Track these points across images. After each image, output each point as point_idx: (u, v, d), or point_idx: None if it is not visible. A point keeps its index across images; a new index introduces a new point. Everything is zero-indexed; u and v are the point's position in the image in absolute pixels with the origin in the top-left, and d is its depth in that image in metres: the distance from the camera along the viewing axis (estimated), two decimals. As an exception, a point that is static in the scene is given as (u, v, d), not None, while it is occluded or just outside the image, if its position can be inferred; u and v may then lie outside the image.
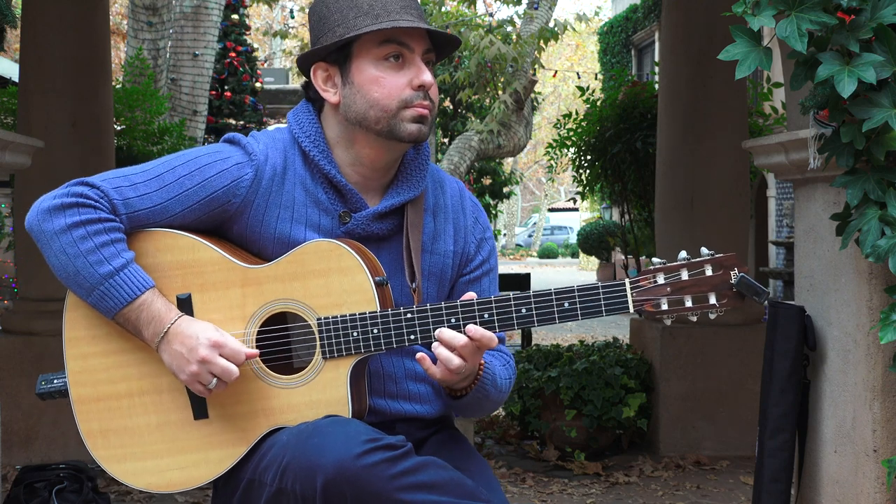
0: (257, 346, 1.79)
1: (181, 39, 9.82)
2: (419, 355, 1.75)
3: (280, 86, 14.97)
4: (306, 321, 1.78)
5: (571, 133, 6.77)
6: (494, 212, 14.52)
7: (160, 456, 1.80)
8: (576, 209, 27.18)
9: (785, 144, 2.67)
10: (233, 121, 12.64)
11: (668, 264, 1.74)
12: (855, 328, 2.46)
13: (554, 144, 6.99)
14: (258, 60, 14.50)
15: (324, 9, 1.84)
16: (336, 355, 1.76)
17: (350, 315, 1.76)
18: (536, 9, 7.82)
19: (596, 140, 6.54)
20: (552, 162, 7.27)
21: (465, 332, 1.73)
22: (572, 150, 6.88)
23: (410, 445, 1.64)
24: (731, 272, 1.72)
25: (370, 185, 1.90)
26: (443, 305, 1.75)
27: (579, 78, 14.02)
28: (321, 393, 1.76)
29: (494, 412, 5.45)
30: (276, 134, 1.91)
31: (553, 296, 1.74)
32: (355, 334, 1.75)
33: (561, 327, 12.02)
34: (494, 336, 1.74)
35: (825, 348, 2.59)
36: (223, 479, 1.80)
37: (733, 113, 4.96)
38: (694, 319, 1.75)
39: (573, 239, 34.39)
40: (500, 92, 7.55)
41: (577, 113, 6.80)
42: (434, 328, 1.75)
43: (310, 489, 1.59)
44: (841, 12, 2.11)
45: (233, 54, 12.84)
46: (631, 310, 1.73)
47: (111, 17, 7.53)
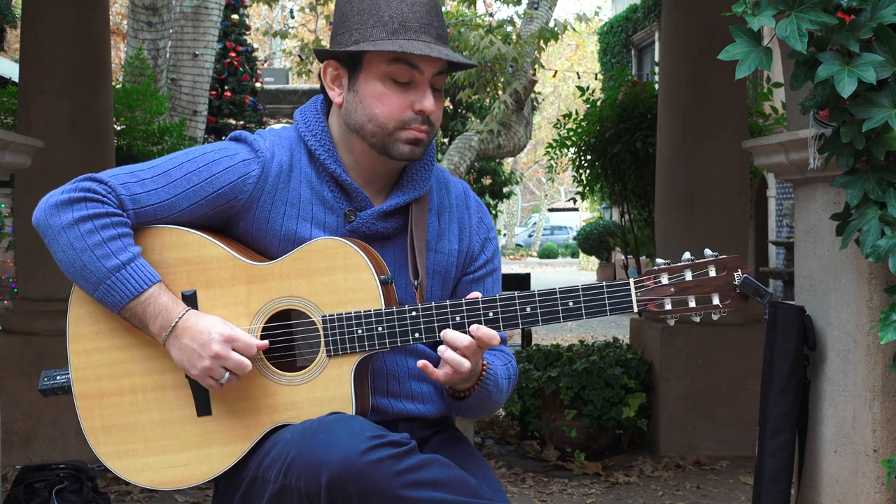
0: None
1: (181, 39, 9.81)
2: (421, 363, 1.75)
3: (280, 86, 14.98)
4: (311, 318, 1.78)
5: (571, 133, 6.77)
6: (494, 212, 14.51)
7: (163, 452, 1.80)
8: (576, 209, 27.18)
9: (785, 144, 2.67)
10: (233, 121, 12.64)
11: (672, 265, 1.75)
12: (855, 328, 2.47)
13: (554, 144, 6.99)
14: (258, 60, 14.50)
15: (348, 7, 1.84)
16: (340, 353, 1.76)
17: (355, 313, 1.76)
18: (536, 9, 7.82)
19: (596, 140, 6.54)
20: (552, 162, 7.26)
21: (469, 332, 1.73)
22: (572, 150, 6.87)
23: (414, 443, 1.64)
24: (735, 273, 1.72)
25: (375, 185, 1.91)
26: (448, 304, 1.76)
27: (579, 78, 14.04)
28: (325, 390, 1.76)
29: (495, 412, 5.48)
30: (283, 132, 1.91)
31: (558, 295, 1.74)
32: (360, 332, 1.76)
33: (561, 327, 12.02)
34: (496, 334, 1.75)
35: (825, 348, 2.59)
36: (225, 477, 1.81)
37: (733, 113, 4.96)
38: (697, 320, 1.76)
39: (573, 239, 34.44)
40: (500, 92, 7.56)
41: (577, 113, 6.79)
42: (439, 327, 1.75)
43: (314, 486, 1.59)
44: (841, 12, 2.11)
45: (233, 54, 12.84)
46: (635, 309, 1.74)
47: (111, 17, 7.53)
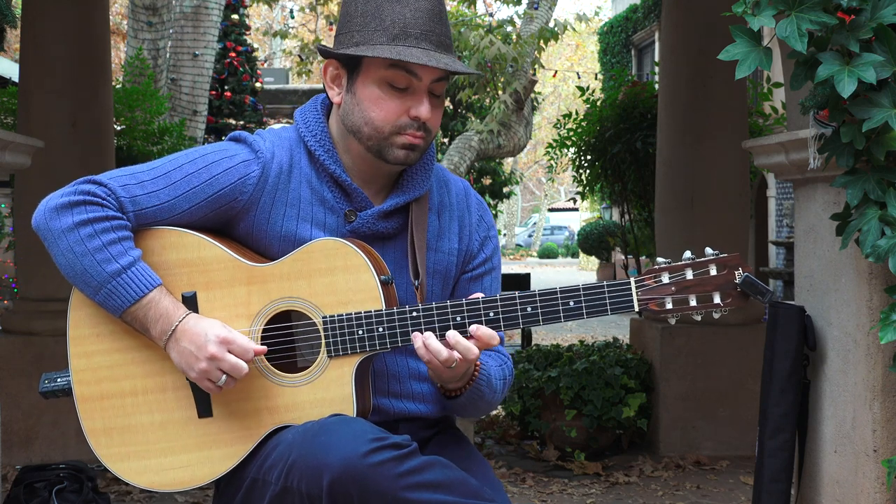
0: (262, 344, 1.79)
1: (181, 39, 9.81)
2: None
3: (280, 86, 14.97)
4: (311, 319, 1.78)
5: (571, 133, 6.76)
6: (494, 212, 14.52)
7: (164, 454, 1.80)
8: (576, 209, 27.18)
9: (785, 144, 2.67)
10: (233, 121, 12.64)
11: (673, 264, 1.74)
12: (855, 328, 2.46)
13: (554, 144, 6.98)
14: (258, 60, 14.50)
15: (352, 7, 1.83)
16: (341, 353, 1.76)
17: (356, 313, 1.76)
18: (536, 9, 7.83)
19: (596, 140, 6.54)
20: (552, 162, 7.26)
21: (469, 332, 1.73)
22: (572, 150, 6.87)
23: (416, 445, 1.64)
24: (736, 272, 1.72)
25: (375, 185, 1.91)
26: (448, 304, 1.75)
27: (579, 78, 14.05)
28: (326, 391, 1.76)
29: (494, 412, 5.49)
30: (283, 132, 1.91)
31: (558, 295, 1.74)
32: (360, 332, 1.75)
33: (561, 327, 12.02)
34: (496, 334, 1.74)
35: (825, 348, 2.59)
36: (226, 479, 1.80)
37: (733, 113, 4.96)
38: (698, 319, 1.75)
39: (564, 238, 34.51)
40: (500, 92, 7.56)
41: (577, 113, 6.79)
42: (440, 327, 1.75)
43: (316, 488, 1.59)
44: (841, 12, 2.11)
45: (233, 54, 12.84)
46: (636, 309, 1.74)
47: (111, 17, 7.53)
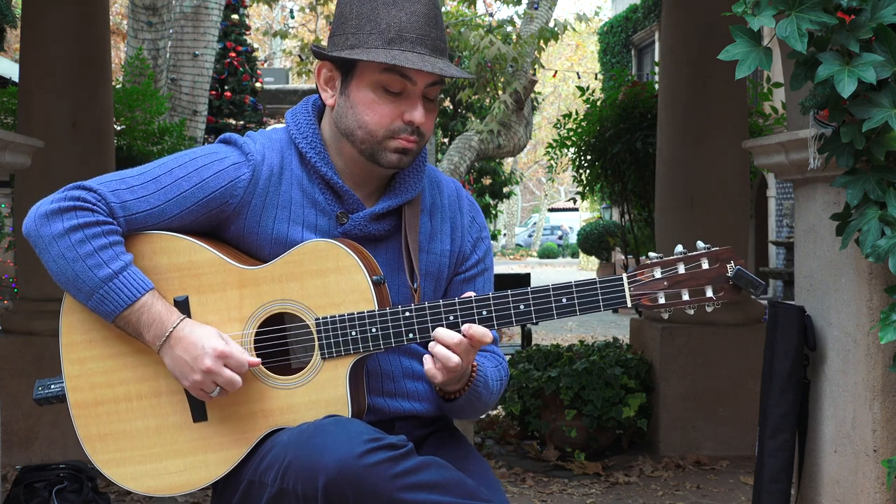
0: (255, 348, 1.78)
1: (181, 39, 9.81)
2: (426, 356, 1.74)
3: (280, 86, 14.97)
4: (304, 321, 1.77)
5: (571, 133, 6.76)
6: (494, 212, 14.51)
7: (160, 459, 1.79)
8: (576, 209, 27.19)
9: (785, 144, 2.67)
10: (233, 121, 12.64)
11: (665, 258, 1.74)
12: (855, 328, 2.46)
13: (554, 144, 6.98)
14: (258, 60, 14.50)
15: (348, 8, 1.82)
16: (335, 355, 1.75)
17: (348, 315, 1.75)
18: (536, 9, 7.83)
19: (596, 140, 6.54)
20: (552, 162, 7.26)
21: (461, 331, 1.72)
22: (572, 150, 6.87)
23: (412, 445, 1.64)
24: (728, 265, 1.72)
25: (367, 187, 1.90)
26: (441, 303, 1.75)
27: (579, 78, 14.06)
28: (320, 393, 1.76)
29: (494, 412, 5.49)
30: (273, 134, 1.90)
31: (551, 292, 1.74)
32: (353, 334, 1.75)
33: (561, 327, 12.02)
34: (488, 332, 1.73)
35: (825, 348, 2.59)
36: (223, 481, 1.80)
37: (733, 113, 4.95)
38: (691, 313, 1.75)
39: (571, 238, 34.54)
40: (500, 92, 7.57)
41: (577, 113, 6.79)
42: (433, 326, 1.74)
43: (311, 489, 1.59)
44: (841, 12, 2.11)
45: (233, 54, 12.84)
46: (629, 304, 1.73)
47: (111, 17, 7.53)
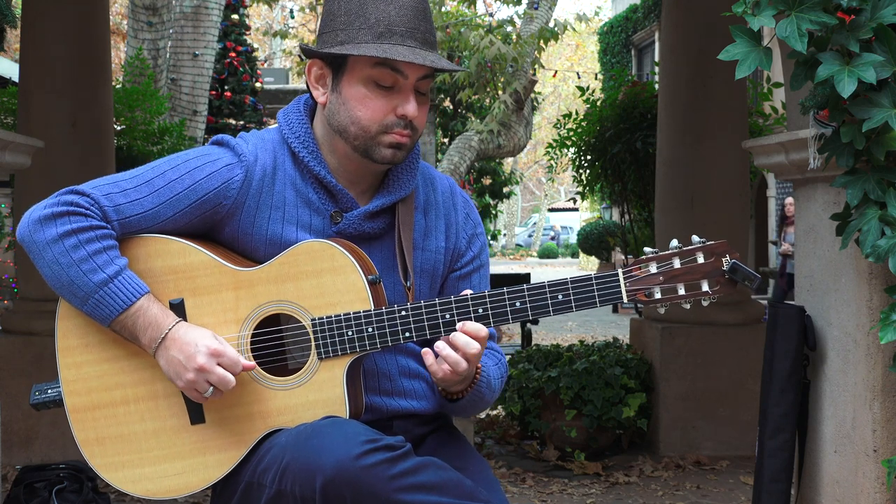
0: (252, 349, 1.78)
1: (181, 39, 9.81)
2: (425, 349, 1.74)
3: (280, 86, 14.97)
4: (300, 322, 1.77)
5: (571, 133, 6.76)
6: (494, 212, 14.53)
7: (158, 462, 1.79)
8: (576, 209, 27.21)
9: (785, 144, 2.67)
10: (233, 121, 12.64)
11: (660, 253, 1.74)
12: (855, 328, 2.46)
13: (554, 144, 6.99)
14: (258, 60, 14.51)
15: (335, 5, 1.81)
16: (331, 355, 1.75)
17: (344, 314, 1.75)
18: (536, 9, 7.83)
19: (596, 140, 6.54)
20: (552, 162, 7.26)
21: (461, 330, 1.72)
22: (572, 150, 6.87)
23: (410, 446, 1.63)
24: (723, 259, 1.71)
25: (360, 185, 1.89)
26: (437, 301, 1.75)
27: (579, 78, 14.06)
28: (317, 393, 1.75)
29: (494, 412, 5.49)
30: (266, 134, 1.89)
31: (547, 288, 1.74)
32: (350, 333, 1.75)
33: (561, 327, 12.02)
34: (483, 327, 1.73)
35: (825, 348, 2.59)
36: (221, 483, 1.80)
37: (733, 113, 4.96)
38: (687, 307, 1.75)
39: (569, 238, 34.57)
40: (500, 92, 7.57)
41: (577, 113, 6.79)
42: (429, 325, 1.74)
43: (309, 490, 1.59)
44: (841, 12, 2.11)
45: (233, 54, 12.85)
46: (625, 299, 1.73)
47: (111, 17, 7.53)
